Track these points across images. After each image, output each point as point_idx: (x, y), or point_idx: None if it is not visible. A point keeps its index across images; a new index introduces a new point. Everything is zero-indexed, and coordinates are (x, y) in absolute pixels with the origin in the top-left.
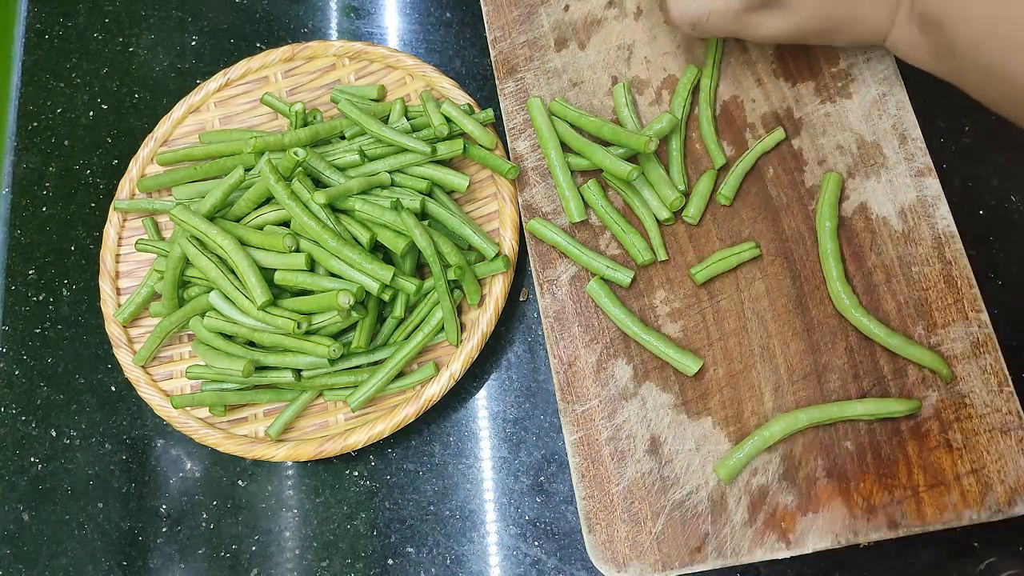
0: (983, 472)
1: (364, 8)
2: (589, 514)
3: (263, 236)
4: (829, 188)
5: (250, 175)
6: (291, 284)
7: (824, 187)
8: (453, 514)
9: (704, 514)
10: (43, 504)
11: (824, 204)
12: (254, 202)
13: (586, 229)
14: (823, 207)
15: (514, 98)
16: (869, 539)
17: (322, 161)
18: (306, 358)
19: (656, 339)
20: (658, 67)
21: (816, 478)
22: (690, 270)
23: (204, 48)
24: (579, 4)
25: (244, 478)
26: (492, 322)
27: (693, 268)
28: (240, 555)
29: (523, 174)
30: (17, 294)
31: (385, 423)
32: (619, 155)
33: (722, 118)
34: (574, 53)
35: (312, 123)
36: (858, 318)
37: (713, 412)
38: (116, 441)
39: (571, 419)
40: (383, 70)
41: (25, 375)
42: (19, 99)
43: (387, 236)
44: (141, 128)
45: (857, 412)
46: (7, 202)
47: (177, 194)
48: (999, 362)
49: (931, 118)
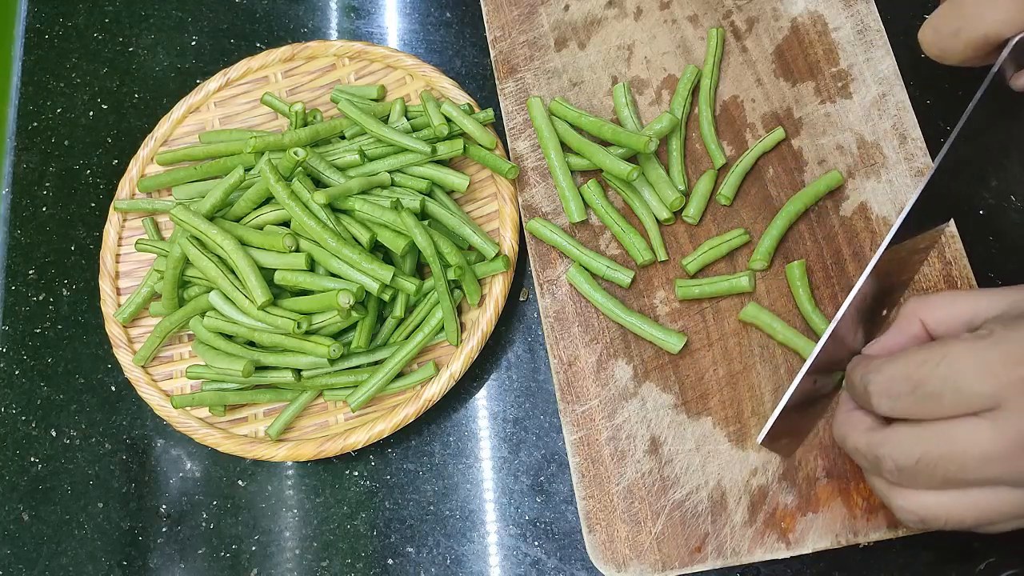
0: None
1: (364, 8)
2: (589, 514)
3: (263, 236)
4: (822, 182)
5: (250, 175)
6: (291, 284)
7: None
8: (453, 514)
9: (704, 514)
10: (43, 504)
11: (808, 192)
12: (254, 202)
13: (586, 229)
14: (805, 192)
15: (514, 98)
16: (869, 539)
17: (322, 161)
18: (306, 358)
19: (639, 320)
20: (658, 67)
21: (816, 478)
22: (682, 260)
23: (204, 48)
24: (579, 4)
25: (244, 478)
26: (492, 322)
27: (685, 259)
28: (240, 555)
29: (523, 174)
30: (17, 294)
31: (385, 423)
32: (619, 155)
33: (722, 118)
34: (574, 53)
35: (312, 123)
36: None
37: (713, 412)
38: (116, 441)
39: (571, 419)
40: (383, 70)
41: (25, 375)
42: (19, 99)
43: (387, 236)
44: (141, 128)
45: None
46: (7, 202)
47: (177, 194)
48: None
49: (931, 118)
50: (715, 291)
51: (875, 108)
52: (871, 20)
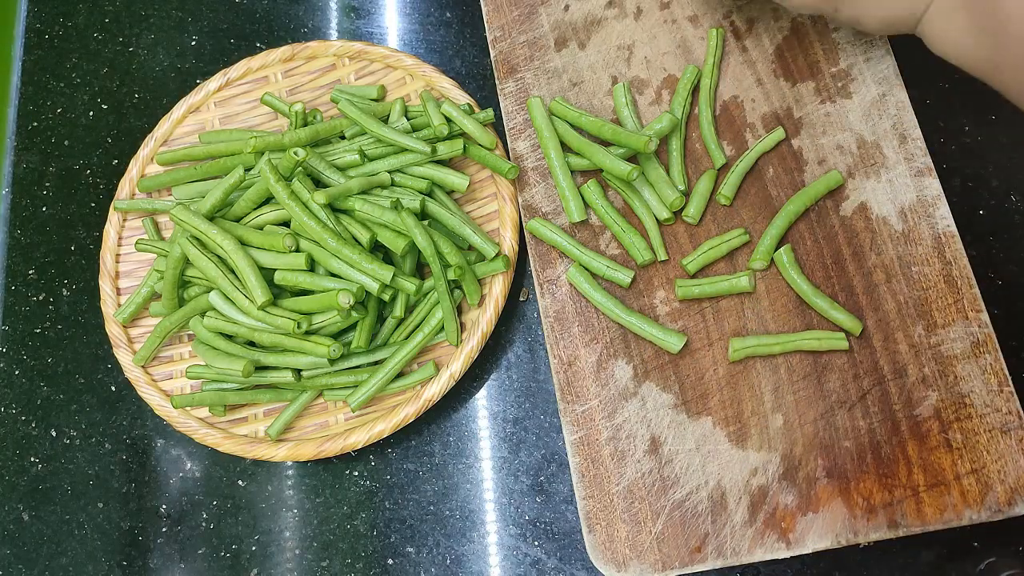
0: (983, 472)
1: (364, 8)
2: (589, 514)
3: (263, 236)
4: (821, 182)
5: (250, 175)
6: (291, 284)
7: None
8: (453, 514)
9: (704, 514)
10: (43, 504)
11: (808, 192)
12: (254, 202)
13: (586, 229)
14: (805, 192)
15: (514, 98)
16: (869, 539)
17: (322, 161)
18: (306, 358)
19: (639, 320)
20: (658, 67)
21: (816, 478)
22: (682, 260)
23: (204, 48)
24: (579, 4)
25: (244, 478)
26: (492, 322)
27: (685, 259)
28: (240, 555)
29: (523, 174)
30: (17, 294)
31: (385, 423)
32: (619, 155)
33: (722, 118)
34: (574, 53)
35: (312, 123)
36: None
37: (713, 412)
38: (116, 441)
39: (571, 419)
40: (383, 70)
41: (25, 375)
42: (19, 99)
43: (387, 236)
44: (141, 128)
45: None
46: (7, 202)
47: (177, 194)
48: (999, 362)
49: (931, 118)
50: (715, 291)
51: (875, 108)
52: None
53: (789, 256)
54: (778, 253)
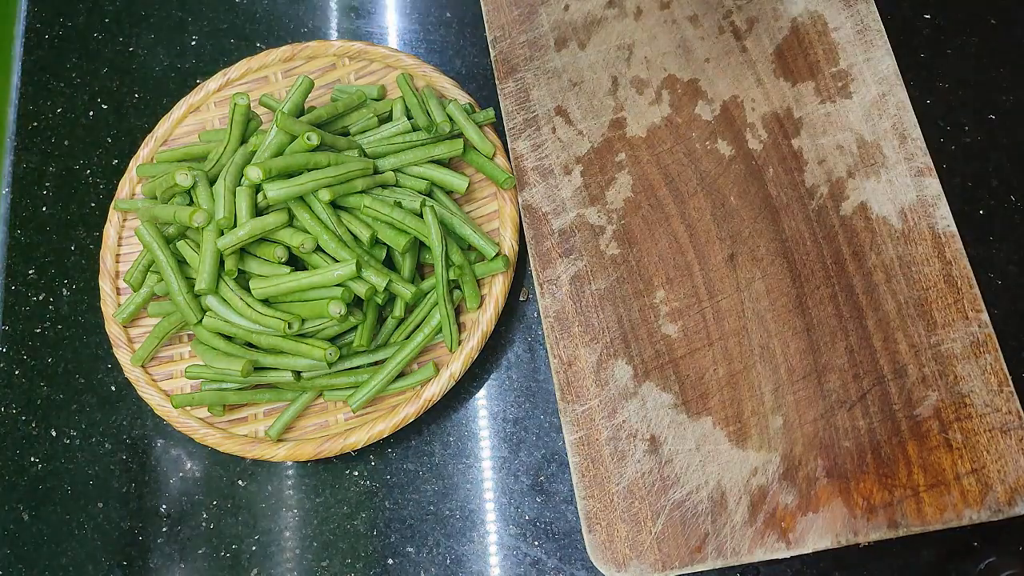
0: (983, 472)
1: (364, 8)
2: (589, 514)
3: (259, 245)
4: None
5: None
6: (276, 296)
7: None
8: (453, 514)
9: (704, 514)
10: (43, 504)
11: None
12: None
13: (586, 229)
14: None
15: (514, 98)
16: (869, 539)
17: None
18: (304, 361)
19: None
20: (658, 67)
21: (816, 478)
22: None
23: (204, 48)
24: (579, 4)
25: (244, 478)
26: (492, 322)
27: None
28: (240, 555)
29: (523, 174)
30: (17, 294)
31: (385, 423)
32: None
33: (722, 118)
34: (574, 53)
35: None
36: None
37: (713, 412)
38: (116, 441)
39: (571, 419)
40: (383, 70)
41: (25, 375)
42: (19, 99)
43: (388, 234)
44: (141, 128)
45: None
46: (7, 202)
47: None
48: (999, 362)
49: (931, 118)
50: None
51: (875, 108)
52: (871, 20)
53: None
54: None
